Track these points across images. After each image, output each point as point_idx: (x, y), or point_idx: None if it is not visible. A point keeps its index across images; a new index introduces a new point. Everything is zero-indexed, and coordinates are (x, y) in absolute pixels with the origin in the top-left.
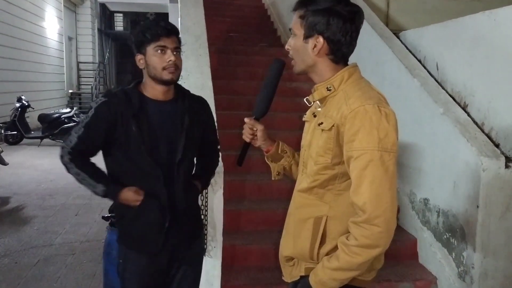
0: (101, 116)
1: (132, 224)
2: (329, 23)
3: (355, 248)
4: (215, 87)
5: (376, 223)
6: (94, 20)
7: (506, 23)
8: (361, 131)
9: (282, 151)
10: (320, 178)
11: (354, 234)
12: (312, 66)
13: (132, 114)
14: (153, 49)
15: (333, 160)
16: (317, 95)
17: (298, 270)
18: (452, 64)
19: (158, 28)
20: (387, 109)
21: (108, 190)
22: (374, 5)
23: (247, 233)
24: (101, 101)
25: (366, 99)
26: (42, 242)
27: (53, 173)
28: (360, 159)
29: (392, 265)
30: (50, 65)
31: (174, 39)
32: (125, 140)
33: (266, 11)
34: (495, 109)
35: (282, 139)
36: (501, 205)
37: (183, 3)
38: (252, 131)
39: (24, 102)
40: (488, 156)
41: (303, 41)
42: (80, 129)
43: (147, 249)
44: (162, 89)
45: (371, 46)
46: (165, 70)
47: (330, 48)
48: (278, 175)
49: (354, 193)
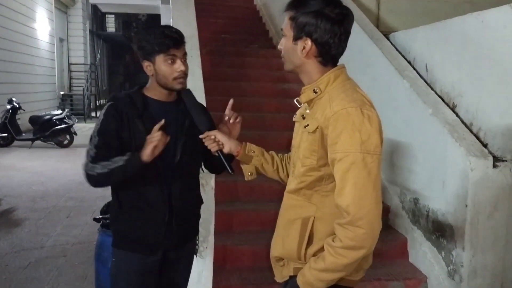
0: (110, 119)
1: (130, 224)
2: (317, 25)
3: (340, 250)
4: (207, 89)
5: (359, 225)
6: (86, 22)
7: (494, 25)
8: (344, 133)
9: (249, 151)
10: (307, 180)
11: (339, 235)
12: (300, 67)
13: (137, 115)
14: (162, 59)
15: (319, 162)
16: (304, 98)
17: (288, 270)
18: (441, 65)
19: (167, 39)
20: (370, 112)
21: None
22: (364, 7)
23: (239, 234)
24: (107, 105)
25: (349, 101)
26: (33, 245)
27: (44, 175)
28: (343, 161)
29: (382, 264)
30: (41, 67)
31: (183, 47)
32: (133, 140)
33: (258, 12)
34: (483, 109)
35: (273, 139)
36: (489, 204)
37: (175, 5)
38: (212, 140)
39: (15, 104)
40: (476, 156)
41: (292, 43)
42: (95, 138)
43: (143, 249)
44: (168, 92)
45: (361, 48)
46: (175, 80)
47: (318, 50)
48: (250, 175)
49: (338, 195)
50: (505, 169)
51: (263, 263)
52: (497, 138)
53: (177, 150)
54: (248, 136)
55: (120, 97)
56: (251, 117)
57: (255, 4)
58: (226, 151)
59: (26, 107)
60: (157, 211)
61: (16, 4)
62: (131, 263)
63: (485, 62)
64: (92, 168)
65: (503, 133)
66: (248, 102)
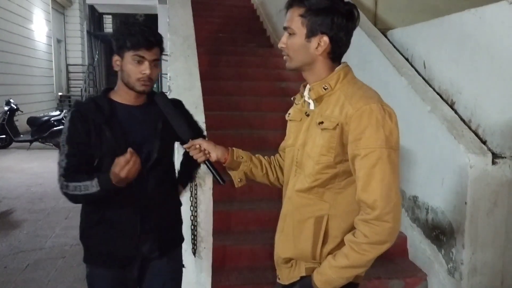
0: (76, 123)
1: (98, 238)
2: (333, 22)
3: (365, 245)
4: (204, 88)
5: (386, 219)
6: (83, 22)
7: (492, 21)
8: (368, 129)
9: (237, 157)
10: (322, 177)
11: (364, 232)
12: (309, 65)
13: (104, 121)
14: (131, 57)
15: (336, 158)
16: (314, 94)
17: (298, 271)
18: (439, 62)
19: (140, 38)
20: (389, 108)
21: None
22: (362, 5)
23: (238, 233)
24: (71, 111)
25: (369, 97)
26: (32, 246)
27: (42, 177)
28: (368, 157)
29: (382, 262)
30: (39, 68)
31: (155, 51)
32: (99, 147)
33: (255, 12)
34: (481, 106)
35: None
36: (489, 201)
37: (171, 4)
38: (198, 150)
39: (13, 106)
40: (475, 153)
41: (304, 40)
42: (64, 148)
43: (114, 264)
44: (134, 94)
45: (359, 45)
46: (138, 81)
47: (332, 47)
48: (240, 181)
49: (363, 191)
50: (504, 166)
51: (262, 263)
52: (496, 134)
53: (151, 157)
54: (247, 135)
55: (85, 103)
56: (249, 116)
57: (252, 3)
58: (213, 160)
59: (24, 108)
60: (128, 222)
61: (13, 5)
62: (103, 279)
63: (484, 59)
64: (66, 186)
65: (502, 129)
66: (246, 101)
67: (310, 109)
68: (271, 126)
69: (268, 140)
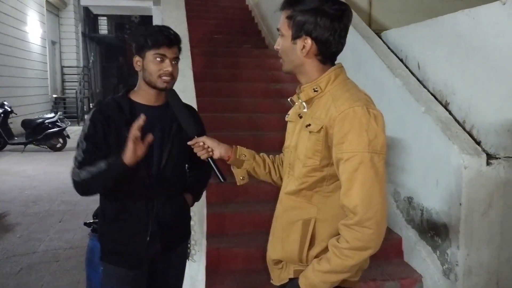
0: (97, 123)
1: (112, 238)
2: (317, 23)
3: (346, 251)
4: (199, 89)
5: (367, 225)
6: (78, 24)
7: (485, 22)
8: (351, 133)
9: (240, 155)
10: (309, 180)
11: (346, 236)
12: (299, 67)
13: (124, 121)
14: (152, 56)
15: (322, 162)
16: (304, 96)
17: (287, 273)
18: (433, 63)
19: (160, 36)
20: (376, 111)
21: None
22: (356, 5)
23: (232, 236)
24: (93, 110)
25: (355, 100)
26: (26, 250)
27: (36, 180)
28: (350, 161)
29: (377, 264)
30: (33, 70)
31: (175, 50)
32: (117, 146)
33: (250, 13)
34: (476, 107)
35: (268, 140)
36: (483, 202)
37: (165, 6)
38: (202, 147)
39: (7, 108)
40: (470, 153)
41: (291, 42)
42: (82, 144)
43: (127, 263)
44: (154, 93)
45: (353, 46)
46: (160, 78)
47: (319, 49)
48: (242, 179)
49: (344, 196)
50: (499, 167)
51: (257, 265)
52: (490, 135)
53: (163, 156)
54: (242, 136)
55: (107, 102)
56: (245, 117)
57: (247, 4)
58: (216, 157)
59: (18, 110)
60: (140, 222)
61: (7, 7)
62: (117, 277)
63: (477, 59)
64: (78, 174)
65: (496, 130)
66: (241, 103)
67: (303, 111)
68: (267, 128)
69: (264, 142)
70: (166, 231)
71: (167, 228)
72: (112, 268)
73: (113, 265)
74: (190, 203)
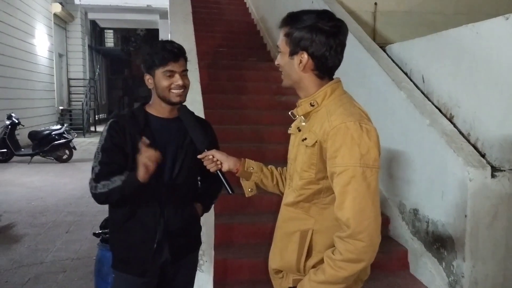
0: (113, 134)
1: (121, 245)
2: (313, 39)
3: (340, 263)
4: (205, 102)
5: (360, 238)
6: (85, 37)
7: (488, 36)
8: (343, 147)
9: (248, 167)
10: (306, 193)
11: (339, 248)
12: (298, 82)
13: (139, 132)
14: (161, 73)
15: (317, 175)
16: (301, 111)
17: (287, 282)
18: (437, 76)
19: (165, 53)
20: (369, 126)
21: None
22: (361, 20)
23: (239, 247)
24: (110, 122)
25: (348, 115)
26: (33, 260)
27: (43, 191)
28: (342, 175)
29: (383, 276)
30: (41, 82)
31: (182, 62)
32: (133, 156)
33: (255, 26)
34: (480, 119)
35: (271, 152)
36: (488, 214)
37: (173, 20)
38: (211, 160)
39: (14, 120)
40: (475, 166)
41: (288, 58)
42: (99, 155)
43: (135, 270)
44: (168, 107)
45: (358, 60)
46: (172, 92)
47: (315, 64)
48: (251, 191)
49: (338, 209)
50: (504, 179)
51: (263, 276)
52: (495, 148)
53: (175, 168)
54: (246, 148)
55: (123, 114)
56: (250, 129)
57: (253, 18)
58: (225, 170)
59: (25, 122)
60: (147, 230)
61: (16, 20)
62: (127, 284)
63: (481, 73)
64: (95, 187)
65: (501, 143)
66: (246, 115)
67: (302, 124)
68: (271, 140)
69: (268, 154)
70: (175, 239)
71: (177, 236)
72: (122, 275)
73: (122, 272)
74: (199, 213)
